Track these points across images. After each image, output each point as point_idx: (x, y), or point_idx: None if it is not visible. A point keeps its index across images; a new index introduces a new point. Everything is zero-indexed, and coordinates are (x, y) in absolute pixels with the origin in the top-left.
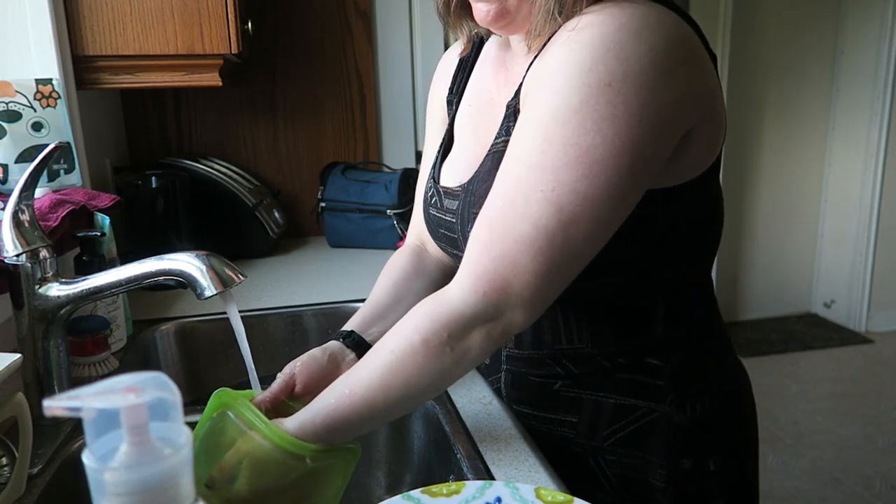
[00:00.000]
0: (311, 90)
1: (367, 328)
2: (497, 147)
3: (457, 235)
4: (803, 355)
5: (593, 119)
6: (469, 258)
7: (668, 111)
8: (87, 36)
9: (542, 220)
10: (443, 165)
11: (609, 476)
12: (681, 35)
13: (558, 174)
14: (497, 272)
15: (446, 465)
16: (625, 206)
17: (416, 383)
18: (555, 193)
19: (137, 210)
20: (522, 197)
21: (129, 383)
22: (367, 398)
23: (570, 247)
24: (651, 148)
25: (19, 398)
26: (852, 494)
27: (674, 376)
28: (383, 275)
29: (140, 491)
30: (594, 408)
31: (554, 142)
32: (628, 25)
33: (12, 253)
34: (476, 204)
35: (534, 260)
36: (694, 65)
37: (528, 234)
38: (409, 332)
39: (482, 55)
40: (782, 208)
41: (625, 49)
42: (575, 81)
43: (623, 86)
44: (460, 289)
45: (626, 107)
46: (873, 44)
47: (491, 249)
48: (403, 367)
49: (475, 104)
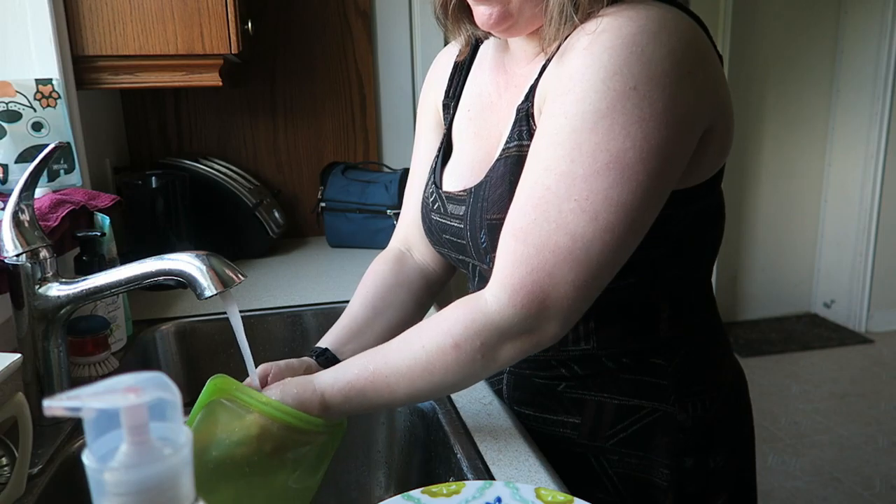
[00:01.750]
0: (311, 90)
1: (342, 345)
2: (509, 152)
3: (465, 241)
4: (803, 355)
5: (621, 123)
6: (503, 270)
7: (690, 111)
8: (87, 36)
9: (579, 229)
10: (444, 171)
11: (611, 476)
12: (696, 37)
13: (590, 182)
14: (536, 284)
15: (446, 465)
16: (655, 209)
17: (441, 381)
18: (588, 202)
19: (137, 210)
20: (555, 207)
21: (129, 383)
22: (391, 382)
23: (606, 255)
24: (678, 149)
25: (19, 398)
26: (852, 494)
27: (676, 376)
28: (362, 285)
29: (140, 491)
30: (597, 408)
31: (583, 149)
32: (648, 28)
33: (12, 253)
34: (489, 210)
35: (572, 271)
36: (709, 65)
37: (565, 245)
38: (443, 334)
39: (478, 58)
40: (782, 208)
41: (646, 52)
42: (600, 86)
43: (648, 88)
44: (497, 301)
45: (652, 109)
46: (873, 44)
47: (528, 262)
48: (431, 365)
49: (474, 108)
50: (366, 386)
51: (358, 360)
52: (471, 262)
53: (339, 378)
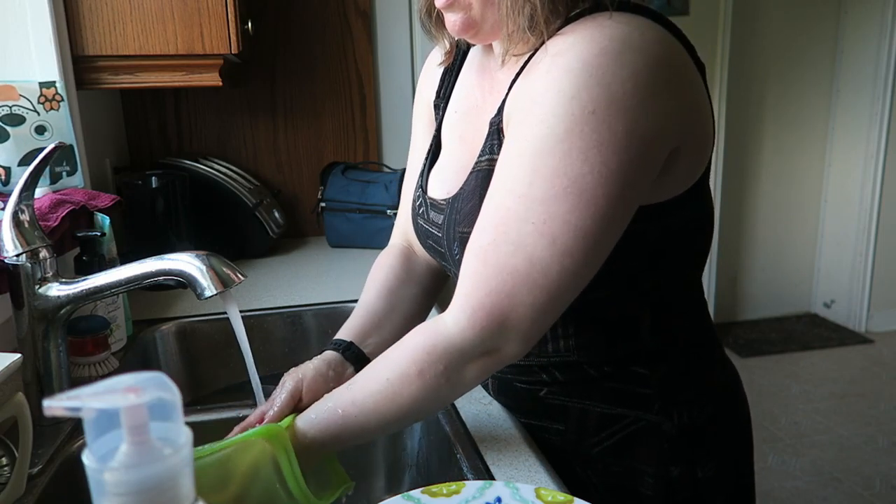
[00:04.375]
0: (310, 90)
1: (364, 339)
2: (481, 165)
3: (444, 251)
4: (803, 355)
5: (579, 148)
6: (463, 290)
7: (653, 133)
8: (87, 36)
9: (536, 252)
10: (430, 174)
11: (597, 484)
12: (665, 52)
13: (548, 206)
14: (494, 306)
15: (446, 465)
16: (617, 230)
17: (410, 409)
18: (546, 226)
19: (137, 210)
20: (514, 229)
21: (129, 383)
22: (361, 420)
23: (565, 278)
24: (639, 172)
25: (19, 398)
26: (852, 494)
27: (660, 385)
28: (373, 278)
29: (140, 491)
30: (580, 416)
31: (541, 172)
32: (609, 48)
33: (12, 253)
34: (461, 222)
35: (531, 294)
36: (678, 82)
37: (523, 269)
38: (406, 363)
39: (468, 59)
40: (782, 208)
41: (607, 74)
42: (559, 110)
43: (607, 113)
44: (456, 323)
45: (611, 133)
46: (873, 44)
47: (487, 283)
48: (398, 396)
49: (461, 110)
50: (339, 429)
51: (325, 399)
52: (451, 269)
53: (314, 424)
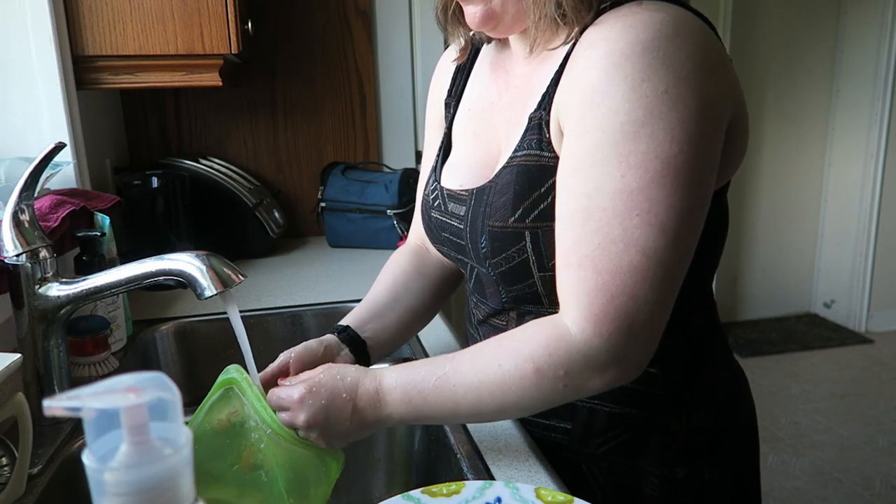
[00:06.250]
0: (310, 90)
1: (363, 325)
2: (518, 160)
3: (464, 242)
4: (803, 355)
5: (663, 129)
6: (580, 301)
7: (719, 109)
8: (87, 36)
9: (649, 244)
10: (443, 168)
11: (602, 484)
12: (708, 35)
13: (648, 193)
14: (619, 310)
15: (446, 465)
16: (708, 206)
17: (515, 402)
18: (652, 214)
19: (137, 210)
20: (618, 226)
21: (129, 383)
22: (458, 393)
23: (680, 265)
24: (716, 146)
25: (19, 398)
26: (852, 494)
27: (669, 385)
28: (383, 273)
29: (140, 491)
30: (588, 415)
31: (631, 161)
32: (663, 32)
33: (12, 253)
34: (491, 216)
35: (652, 288)
36: (722, 62)
37: (640, 264)
38: (522, 357)
39: (480, 57)
40: (782, 208)
41: (668, 55)
42: (631, 95)
43: (678, 90)
44: (581, 332)
45: (687, 111)
46: (873, 44)
47: (606, 289)
48: (505, 385)
49: (474, 108)
50: (430, 390)
51: (423, 363)
52: (469, 262)
53: (402, 375)
